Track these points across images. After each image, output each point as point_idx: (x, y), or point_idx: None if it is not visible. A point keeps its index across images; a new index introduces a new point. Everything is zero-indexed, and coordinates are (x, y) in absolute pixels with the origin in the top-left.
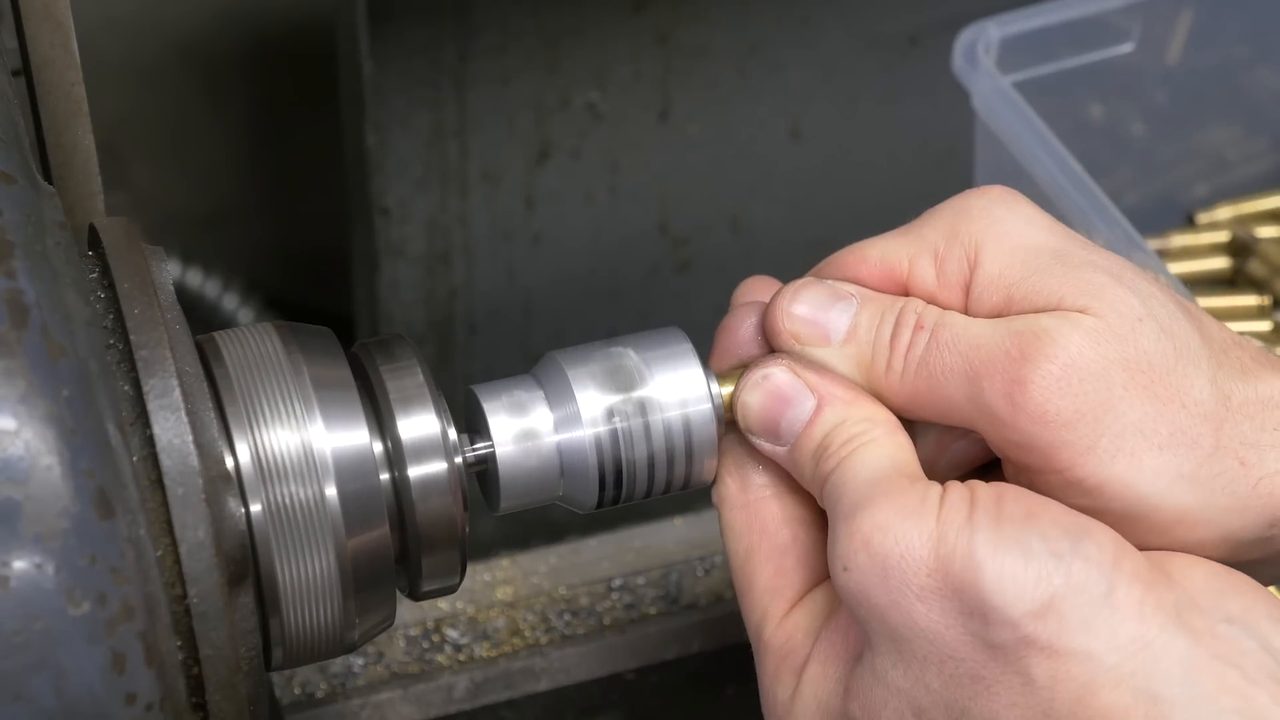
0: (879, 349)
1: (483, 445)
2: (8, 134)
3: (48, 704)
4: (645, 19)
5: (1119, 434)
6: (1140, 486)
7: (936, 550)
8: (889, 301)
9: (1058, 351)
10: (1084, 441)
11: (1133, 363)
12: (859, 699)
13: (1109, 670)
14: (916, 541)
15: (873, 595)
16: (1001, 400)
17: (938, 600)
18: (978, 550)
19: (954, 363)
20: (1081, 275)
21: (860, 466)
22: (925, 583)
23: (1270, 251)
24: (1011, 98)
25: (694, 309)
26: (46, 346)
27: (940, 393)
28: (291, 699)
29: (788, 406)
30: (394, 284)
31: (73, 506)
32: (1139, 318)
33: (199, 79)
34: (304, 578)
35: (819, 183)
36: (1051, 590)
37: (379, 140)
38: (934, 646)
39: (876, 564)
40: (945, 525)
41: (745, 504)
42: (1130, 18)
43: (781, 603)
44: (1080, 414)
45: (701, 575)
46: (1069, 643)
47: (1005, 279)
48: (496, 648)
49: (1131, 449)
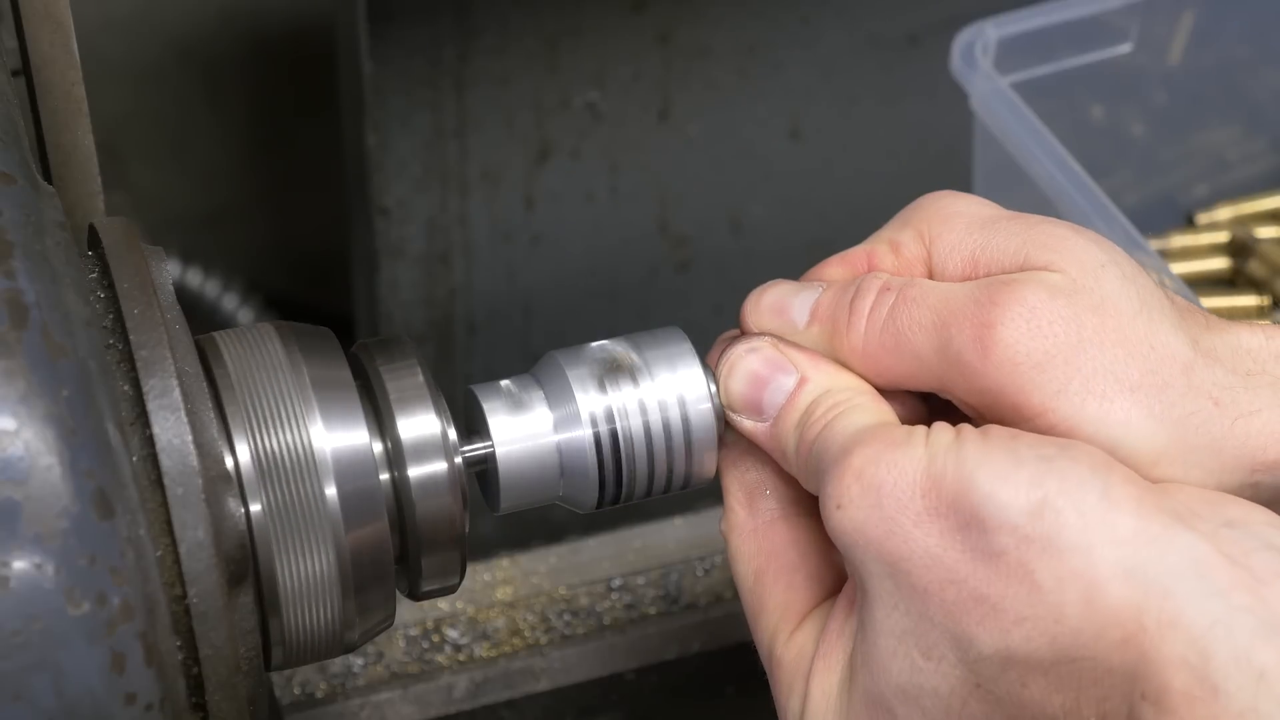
0: (840, 317)
1: (482, 445)
2: (8, 134)
3: (47, 704)
4: (645, 19)
5: (1090, 375)
6: (1114, 429)
7: (928, 470)
8: (846, 280)
9: (1026, 295)
10: (1055, 384)
11: (1100, 307)
12: (867, 669)
13: (1115, 564)
14: (908, 466)
15: (868, 528)
16: (971, 346)
17: (933, 520)
18: (967, 462)
19: (921, 316)
20: (1042, 230)
21: (845, 425)
22: (920, 505)
23: (1270, 252)
24: (1010, 98)
25: (694, 309)
26: (46, 346)
27: (908, 348)
28: (291, 699)
29: (770, 380)
30: (394, 284)
31: (73, 506)
32: (1102, 264)
33: (198, 79)
34: (304, 578)
35: (819, 183)
36: (1045, 490)
37: (379, 140)
38: (933, 572)
39: (870, 494)
40: (934, 447)
41: (754, 529)
42: (1130, 18)
43: (791, 618)
44: (1050, 356)
45: (701, 575)
46: (1070, 538)
47: (967, 245)
48: (496, 648)
49: (1103, 391)
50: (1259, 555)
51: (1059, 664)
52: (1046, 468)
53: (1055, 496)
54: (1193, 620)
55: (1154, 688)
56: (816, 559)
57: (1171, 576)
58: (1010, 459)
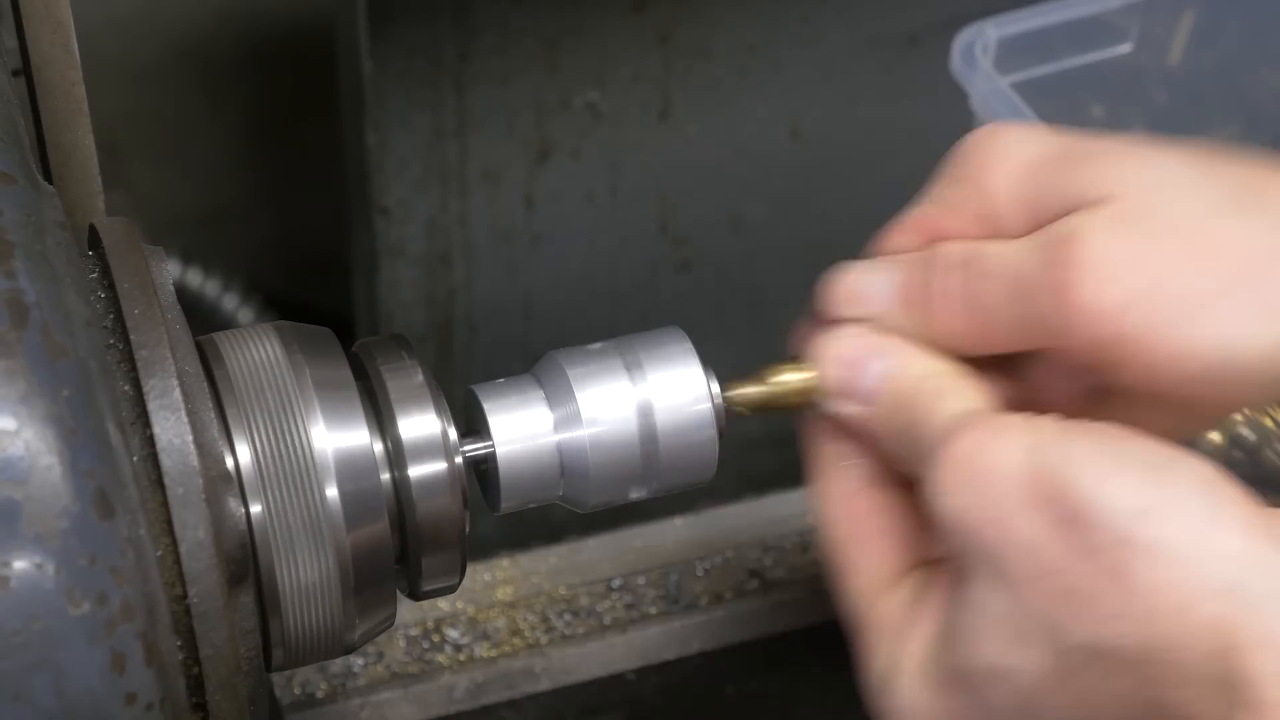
0: (923, 304)
1: (483, 445)
2: (8, 134)
3: (47, 704)
4: (645, 19)
5: (1179, 298)
6: (1217, 339)
7: (1034, 459)
8: (918, 256)
9: (1089, 250)
10: (1146, 320)
11: (1168, 228)
12: (960, 644)
13: (1215, 579)
14: (1014, 454)
15: (971, 514)
16: (1054, 314)
17: (1037, 511)
18: (1074, 457)
19: (998, 291)
20: (1094, 163)
21: (944, 410)
22: (1024, 493)
23: None
24: (1010, 98)
25: (694, 309)
26: (46, 346)
27: (996, 325)
28: (291, 699)
29: (864, 364)
30: (394, 284)
31: (73, 506)
32: (1160, 181)
33: (198, 79)
34: (304, 578)
35: (819, 183)
36: (1151, 496)
37: (379, 140)
38: (1034, 561)
39: (974, 482)
40: (1041, 435)
41: (842, 495)
42: (1130, 18)
43: (880, 584)
44: (1132, 298)
45: (701, 575)
46: (1171, 547)
47: (1023, 195)
48: (496, 648)
49: (1194, 310)
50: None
51: (1146, 664)
52: (1155, 475)
53: (1161, 504)
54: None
55: (1251, 699)
56: (906, 526)
57: (1272, 601)
58: (1117, 460)
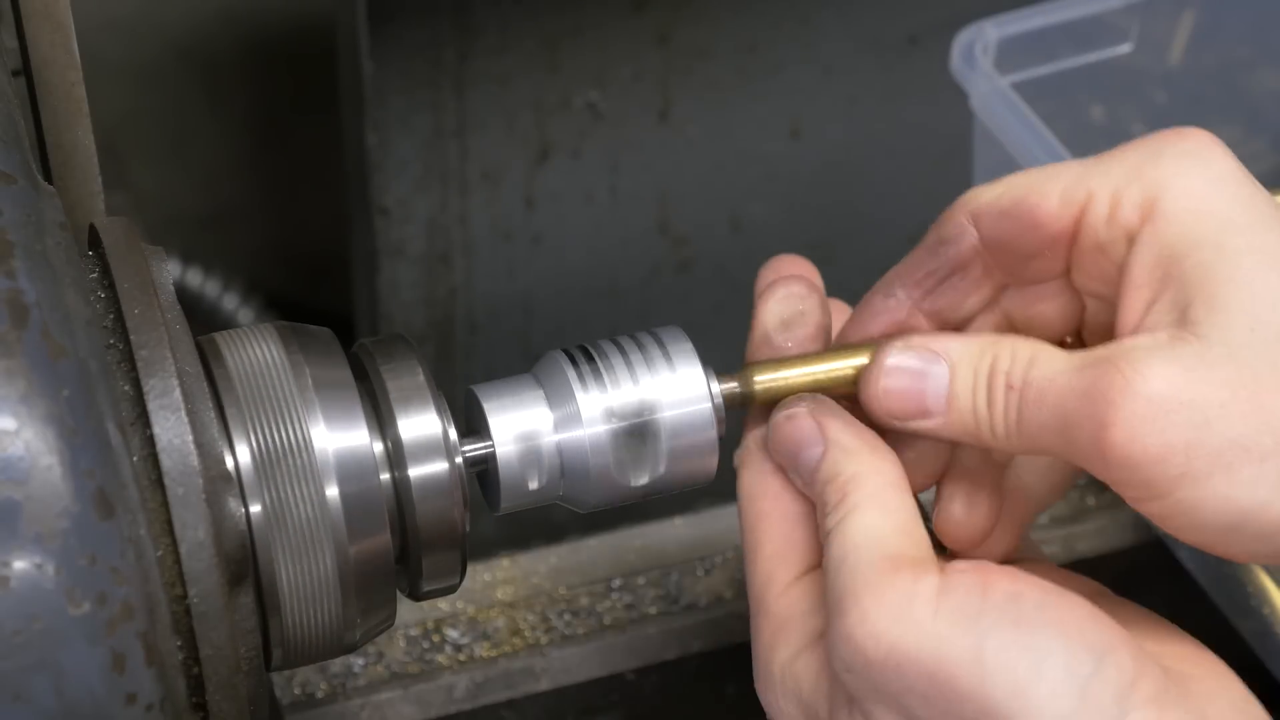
0: (980, 419)
1: (483, 445)
2: (8, 134)
3: (48, 704)
4: (645, 19)
5: (1216, 452)
6: (1239, 501)
7: (939, 655)
8: (978, 356)
9: (1140, 390)
10: (1177, 470)
11: (1233, 380)
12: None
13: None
14: (915, 646)
15: (877, 695)
16: (1091, 452)
17: (941, 704)
18: (988, 658)
19: (1045, 419)
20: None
21: (845, 544)
22: (929, 688)
23: None
24: (1010, 98)
25: (694, 309)
26: (47, 346)
27: (1041, 446)
28: (291, 699)
29: (801, 448)
30: (394, 284)
31: (73, 506)
32: (1254, 327)
33: (199, 79)
34: (304, 578)
35: (819, 183)
36: (1061, 713)
37: (379, 140)
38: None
39: (876, 671)
40: (947, 624)
41: (762, 471)
42: (1130, 18)
43: (786, 571)
44: (1170, 447)
45: (701, 575)
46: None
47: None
48: (496, 648)
49: (1229, 464)
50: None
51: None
52: (1071, 686)
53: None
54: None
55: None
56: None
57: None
58: (1034, 666)
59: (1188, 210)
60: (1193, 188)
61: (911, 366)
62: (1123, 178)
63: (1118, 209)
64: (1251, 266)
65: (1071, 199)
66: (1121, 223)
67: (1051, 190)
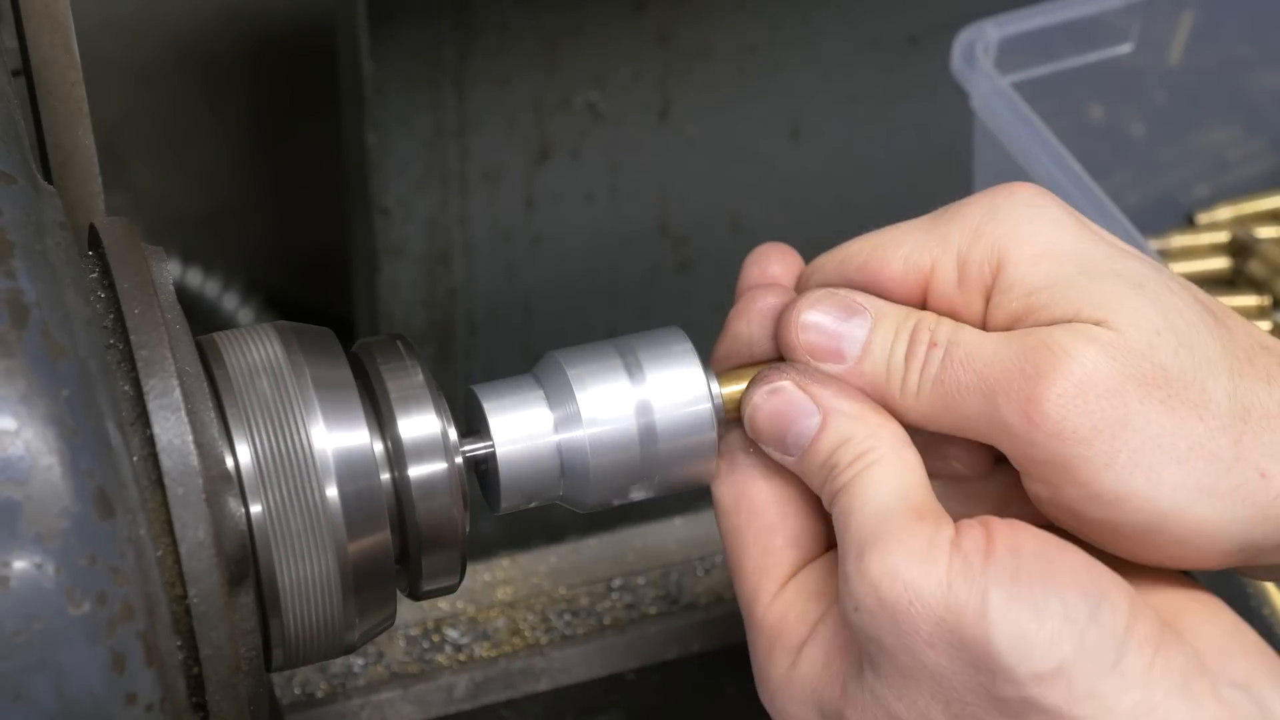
0: (894, 368)
1: (483, 445)
2: (8, 134)
3: (48, 704)
4: (645, 19)
5: (1137, 449)
6: (1160, 501)
7: (948, 601)
8: (902, 316)
9: (1072, 367)
10: (1102, 457)
11: (1149, 377)
12: (855, 708)
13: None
14: (927, 590)
15: (882, 637)
16: (1018, 418)
17: (946, 648)
18: (991, 609)
19: (969, 380)
20: (1101, 286)
21: (867, 494)
22: (935, 631)
23: (1270, 252)
24: (1010, 98)
25: (694, 309)
26: (47, 346)
27: (957, 410)
28: (291, 699)
29: (794, 421)
30: (394, 284)
31: (73, 506)
32: (1157, 331)
33: (199, 79)
34: (304, 578)
35: (819, 183)
36: (1062, 657)
37: (379, 140)
38: (939, 687)
39: (886, 610)
40: (957, 574)
41: (734, 483)
42: (1130, 18)
43: (771, 582)
44: (1097, 430)
45: (701, 575)
46: (1074, 710)
47: (1026, 286)
48: (496, 648)
49: (1150, 463)
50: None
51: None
52: (1069, 632)
53: (1070, 667)
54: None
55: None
56: (796, 521)
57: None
58: (1035, 614)
59: (1040, 254)
60: (1038, 234)
61: (835, 309)
62: (964, 241)
63: (966, 271)
64: (1127, 287)
65: (914, 265)
66: (974, 283)
67: (893, 257)
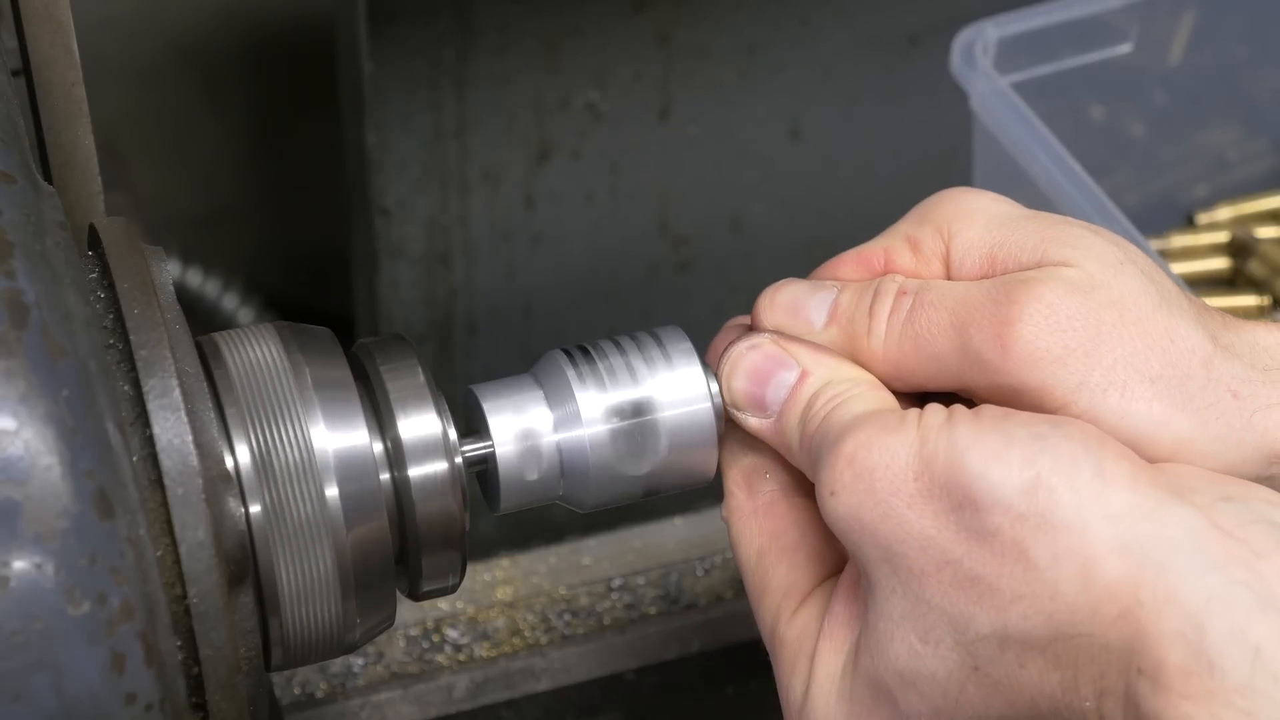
0: (859, 321)
1: (482, 445)
2: (8, 134)
3: (48, 704)
4: (645, 19)
5: (1110, 368)
6: (1135, 417)
7: (920, 452)
8: (864, 282)
9: (1044, 292)
10: (1075, 378)
11: (1119, 303)
12: (867, 651)
13: (1110, 539)
14: (900, 450)
15: (862, 513)
16: (991, 343)
17: (926, 502)
18: (959, 442)
19: (940, 318)
20: (1059, 229)
21: (842, 414)
22: (912, 487)
23: (1270, 252)
24: (1010, 98)
25: (694, 309)
26: (46, 346)
27: (927, 350)
28: (291, 699)
29: (772, 375)
30: (394, 284)
31: (73, 506)
32: (1120, 261)
33: (199, 79)
34: (304, 578)
35: (819, 183)
36: (1038, 468)
37: (379, 140)
38: (929, 554)
39: (862, 479)
40: (926, 429)
41: (754, 510)
42: (1130, 18)
43: (794, 598)
44: (1070, 350)
45: (701, 575)
46: (1064, 515)
47: (985, 242)
48: (496, 648)
49: (1124, 382)
50: (1256, 529)
51: (1056, 641)
52: (1039, 445)
53: (1049, 474)
54: (1189, 595)
55: (1150, 663)
56: (817, 538)
57: (1167, 551)
58: (1002, 438)
59: (989, 220)
60: (982, 207)
61: (804, 286)
62: (910, 227)
63: (920, 246)
64: (1084, 230)
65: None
66: (930, 253)
67: (844, 258)
